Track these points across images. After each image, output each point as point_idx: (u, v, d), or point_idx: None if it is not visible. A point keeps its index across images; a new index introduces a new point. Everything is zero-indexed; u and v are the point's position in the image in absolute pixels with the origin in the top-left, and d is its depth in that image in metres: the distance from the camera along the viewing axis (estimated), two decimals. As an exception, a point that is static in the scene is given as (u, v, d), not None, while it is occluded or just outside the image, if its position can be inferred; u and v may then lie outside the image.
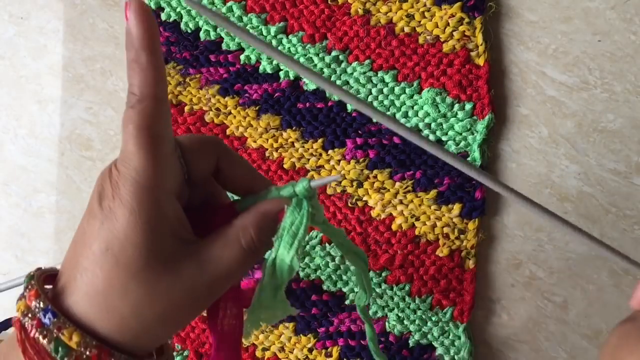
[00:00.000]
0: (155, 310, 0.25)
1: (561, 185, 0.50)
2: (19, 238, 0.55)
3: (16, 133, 0.56)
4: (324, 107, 0.52)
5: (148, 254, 0.25)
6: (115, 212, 0.25)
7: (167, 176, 0.26)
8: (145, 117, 0.25)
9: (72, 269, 0.26)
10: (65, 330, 0.25)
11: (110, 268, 0.25)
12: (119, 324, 0.25)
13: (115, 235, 0.25)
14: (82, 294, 0.26)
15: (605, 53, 0.50)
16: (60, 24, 0.56)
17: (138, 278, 0.25)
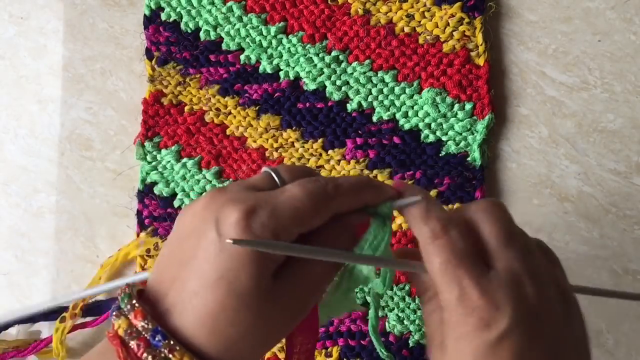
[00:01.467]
0: (260, 333, 0.26)
1: (561, 185, 0.50)
2: (19, 238, 0.55)
3: (16, 133, 0.56)
4: (324, 107, 0.52)
5: (258, 282, 0.26)
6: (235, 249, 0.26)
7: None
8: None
9: (177, 290, 0.27)
10: (176, 353, 0.25)
11: (224, 295, 0.25)
12: (227, 347, 0.26)
13: (231, 265, 0.25)
14: (191, 317, 0.26)
15: (605, 53, 0.50)
16: (60, 24, 0.56)
17: (248, 305, 0.26)
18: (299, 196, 0.27)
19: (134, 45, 0.55)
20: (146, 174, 0.53)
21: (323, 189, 0.27)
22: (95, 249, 0.54)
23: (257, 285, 0.25)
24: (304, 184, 0.27)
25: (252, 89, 0.53)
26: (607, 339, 0.48)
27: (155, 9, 0.54)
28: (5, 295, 0.55)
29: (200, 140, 0.53)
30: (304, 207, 0.26)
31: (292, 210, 0.26)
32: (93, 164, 0.55)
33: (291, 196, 0.27)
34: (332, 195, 0.27)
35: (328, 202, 0.27)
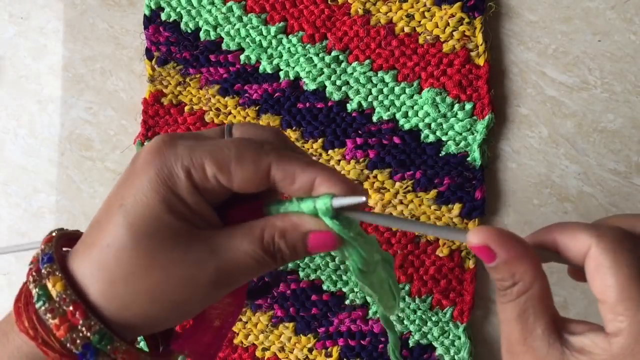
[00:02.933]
0: (148, 281, 0.23)
1: (561, 185, 0.50)
2: (19, 238, 0.55)
3: (16, 133, 0.56)
4: (324, 107, 0.52)
5: (157, 221, 0.23)
6: (140, 173, 0.24)
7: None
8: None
9: (90, 225, 0.25)
10: (52, 277, 0.23)
11: (118, 224, 0.23)
12: (108, 285, 0.23)
13: (134, 191, 0.24)
14: (84, 247, 0.24)
15: (605, 53, 0.50)
16: (60, 24, 0.56)
17: (138, 240, 0.23)
18: (225, 142, 0.24)
19: (134, 45, 0.55)
20: (146, 174, 0.53)
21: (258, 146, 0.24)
22: (95, 249, 0.54)
23: (158, 222, 0.23)
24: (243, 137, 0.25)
25: (252, 89, 0.53)
26: (607, 339, 0.48)
27: (155, 9, 0.54)
28: (5, 295, 0.55)
29: (200, 140, 0.53)
30: (228, 151, 0.24)
31: (213, 148, 0.24)
32: (93, 164, 0.55)
33: (219, 140, 0.25)
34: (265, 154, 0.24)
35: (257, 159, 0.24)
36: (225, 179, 0.24)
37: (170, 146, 0.24)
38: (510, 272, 0.24)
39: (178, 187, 0.23)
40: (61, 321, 0.23)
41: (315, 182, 0.24)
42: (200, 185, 0.24)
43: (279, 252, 0.25)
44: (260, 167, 0.24)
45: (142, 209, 0.23)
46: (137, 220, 0.23)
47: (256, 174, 0.24)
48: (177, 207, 0.23)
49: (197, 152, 0.23)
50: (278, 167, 0.24)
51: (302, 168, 0.24)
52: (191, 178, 0.23)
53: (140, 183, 0.24)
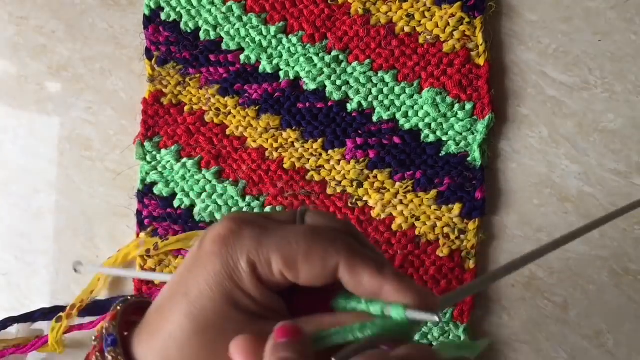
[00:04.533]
0: None
1: (561, 185, 0.50)
2: (18, 238, 0.55)
3: (16, 133, 0.56)
4: (324, 107, 0.52)
5: (220, 315, 0.23)
6: (205, 263, 0.23)
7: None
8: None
9: (153, 307, 0.25)
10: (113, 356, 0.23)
11: (181, 313, 0.23)
12: None
13: (198, 280, 0.23)
14: (148, 332, 0.24)
15: (605, 53, 0.50)
16: (60, 24, 0.56)
17: (201, 333, 0.23)
18: (294, 233, 0.23)
19: (133, 45, 0.55)
20: (146, 174, 0.53)
21: (329, 240, 0.23)
22: (95, 249, 0.54)
23: (219, 313, 0.23)
24: (316, 226, 0.24)
25: (252, 88, 0.53)
26: (607, 339, 0.48)
27: (155, 9, 0.54)
28: (5, 295, 0.55)
29: (200, 140, 0.53)
30: (297, 247, 0.23)
31: (282, 242, 0.23)
32: (93, 164, 0.55)
33: (292, 230, 0.23)
34: (335, 253, 0.23)
35: (327, 257, 0.23)
36: (292, 276, 0.23)
37: (237, 236, 0.23)
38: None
39: (243, 281, 0.23)
40: None
41: (384, 289, 0.23)
42: (266, 279, 0.23)
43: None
44: (328, 267, 0.23)
45: (206, 301, 0.23)
46: (201, 312, 0.23)
47: (323, 273, 0.23)
48: (241, 301, 0.23)
49: (264, 245, 0.23)
50: (346, 270, 0.23)
51: (370, 274, 0.23)
52: (256, 272, 0.23)
53: (205, 274, 0.23)
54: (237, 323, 0.23)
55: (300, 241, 0.23)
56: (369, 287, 0.23)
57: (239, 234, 0.23)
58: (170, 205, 0.52)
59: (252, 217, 0.25)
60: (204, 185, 0.52)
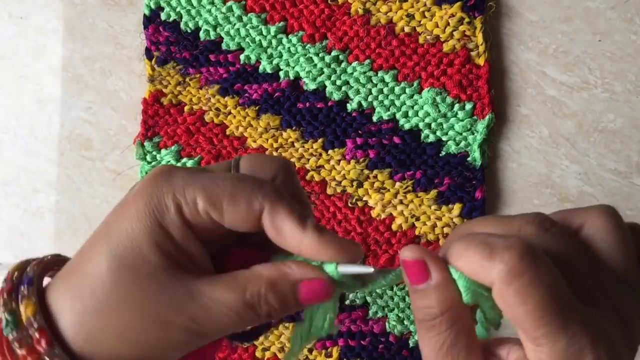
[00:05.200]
0: (118, 317, 0.22)
1: (561, 185, 0.50)
2: (18, 238, 0.55)
3: (16, 133, 0.56)
4: (324, 107, 0.52)
5: (138, 254, 0.22)
6: (130, 202, 0.22)
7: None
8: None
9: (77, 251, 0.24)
10: (25, 301, 0.22)
11: (99, 252, 0.22)
12: (77, 316, 0.22)
13: (120, 221, 0.22)
14: (64, 272, 0.23)
15: (605, 53, 0.50)
16: (60, 24, 0.56)
17: (115, 272, 0.22)
18: (222, 176, 0.23)
19: (133, 45, 0.55)
20: (146, 174, 0.53)
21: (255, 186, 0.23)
22: (95, 249, 0.54)
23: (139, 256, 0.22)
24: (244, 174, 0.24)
25: (252, 88, 0.53)
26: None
27: (155, 9, 0.54)
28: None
29: (200, 140, 0.53)
30: (222, 187, 0.22)
31: (207, 182, 0.22)
32: (93, 164, 0.55)
33: (216, 174, 0.23)
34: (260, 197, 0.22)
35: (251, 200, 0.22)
36: (217, 215, 0.22)
37: (165, 176, 0.22)
38: (442, 298, 0.21)
39: (166, 219, 0.22)
40: (28, 351, 0.21)
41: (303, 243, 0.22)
42: (192, 220, 0.22)
43: (265, 305, 0.23)
44: (252, 210, 0.22)
45: (125, 239, 0.22)
46: (119, 250, 0.22)
47: (247, 215, 0.22)
48: (162, 241, 0.22)
49: (191, 186, 0.22)
50: (268, 215, 0.22)
51: (292, 224, 0.22)
52: (181, 211, 0.22)
53: (128, 212, 0.22)
54: (153, 264, 0.22)
55: (227, 182, 0.22)
56: (289, 237, 0.22)
57: (169, 174, 0.23)
58: (170, 205, 0.52)
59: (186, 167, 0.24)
60: (204, 185, 0.52)
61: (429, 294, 0.22)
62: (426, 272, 0.21)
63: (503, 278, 0.20)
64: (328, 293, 0.23)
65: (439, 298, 0.22)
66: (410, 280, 0.22)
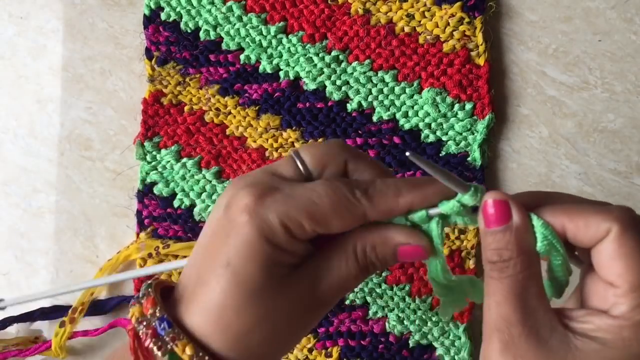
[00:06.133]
0: (269, 328, 0.25)
1: (562, 185, 0.50)
2: (18, 238, 0.55)
3: (16, 133, 0.56)
4: (324, 107, 0.52)
5: (267, 272, 0.24)
6: (241, 232, 0.24)
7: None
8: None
9: (192, 280, 0.26)
10: (179, 342, 0.24)
11: (230, 283, 0.24)
12: (233, 341, 0.25)
13: (240, 252, 0.24)
14: (198, 307, 0.25)
15: (605, 53, 0.50)
16: (59, 24, 0.56)
17: (255, 296, 0.24)
18: (319, 193, 0.25)
19: (133, 45, 0.55)
20: (146, 174, 0.53)
21: (349, 193, 0.25)
22: (95, 249, 0.54)
23: (265, 275, 0.24)
24: (331, 182, 0.26)
25: (252, 88, 0.53)
26: (608, 339, 0.48)
27: (155, 9, 0.54)
28: (5, 295, 0.55)
29: (200, 140, 0.53)
30: (322, 206, 0.25)
31: (308, 204, 0.24)
32: (93, 164, 0.55)
33: (312, 190, 0.25)
34: (358, 202, 0.25)
35: (352, 208, 0.25)
36: (324, 229, 0.25)
37: (263, 203, 0.24)
38: (520, 240, 0.23)
39: (281, 242, 0.24)
40: None
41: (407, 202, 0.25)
42: (299, 237, 0.25)
43: (371, 265, 0.26)
44: (356, 216, 0.25)
45: (251, 268, 0.24)
46: (249, 279, 0.24)
47: (352, 222, 0.25)
48: (282, 259, 0.25)
49: (293, 209, 0.24)
50: (374, 211, 0.25)
51: (395, 201, 0.25)
52: (290, 232, 0.24)
53: (243, 242, 0.24)
54: (280, 278, 0.25)
55: (324, 199, 0.25)
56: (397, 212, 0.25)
57: (264, 201, 0.24)
58: (170, 205, 0.52)
59: (260, 177, 0.26)
60: (204, 185, 0.52)
61: (508, 236, 0.23)
62: (508, 215, 0.23)
63: (620, 228, 0.21)
64: (423, 254, 0.26)
65: (517, 240, 0.23)
66: (490, 221, 0.23)
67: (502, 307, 0.23)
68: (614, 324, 0.22)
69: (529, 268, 0.23)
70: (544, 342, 0.22)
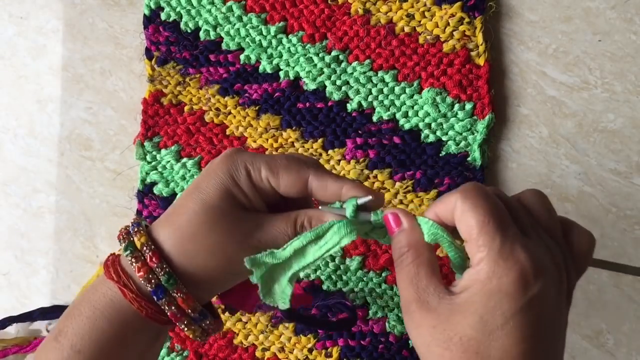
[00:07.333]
0: (209, 240, 0.30)
1: (562, 185, 0.50)
2: (18, 238, 0.55)
3: (16, 133, 0.56)
4: (324, 107, 0.52)
5: (224, 200, 0.31)
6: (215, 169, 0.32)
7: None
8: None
9: (170, 207, 0.32)
10: (138, 234, 0.31)
11: (193, 198, 0.31)
12: (178, 242, 0.31)
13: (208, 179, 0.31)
14: (163, 217, 0.32)
15: (605, 53, 0.50)
16: (59, 24, 0.56)
17: (206, 212, 0.31)
18: (278, 156, 0.33)
19: (133, 45, 0.55)
20: (146, 174, 0.53)
21: (301, 159, 0.32)
22: (95, 249, 0.54)
23: (222, 200, 0.31)
24: (292, 154, 0.33)
25: (252, 88, 0.53)
26: (607, 339, 0.48)
27: (155, 9, 0.54)
28: (5, 295, 0.55)
29: (200, 140, 0.53)
30: (278, 161, 0.32)
31: (267, 158, 0.32)
32: (93, 164, 0.55)
33: (274, 154, 0.33)
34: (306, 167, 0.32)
35: (300, 170, 0.32)
36: (275, 181, 0.32)
37: (237, 153, 0.32)
38: (409, 238, 0.30)
39: (241, 181, 0.31)
40: (142, 265, 0.30)
41: (343, 190, 0.32)
42: (256, 183, 0.32)
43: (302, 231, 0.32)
44: (301, 176, 0.32)
45: (212, 190, 0.31)
46: (208, 197, 0.31)
47: (298, 180, 0.32)
48: (237, 195, 0.31)
49: (256, 159, 0.32)
50: (315, 178, 0.32)
51: (333, 179, 0.32)
52: (250, 176, 0.31)
53: (214, 174, 0.31)
54: (233, 207, 0.31)
55: (282, 158, 0.32)
56: (332, 189, 0.32)
57: (239, 152, 0.32)
58: (170, 205, 0.52)
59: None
60: (204, 185, 0.52)
61: (400, 236, 0.30)
62: (399, 221, 0.31)
63: (460, 196, 0.28)
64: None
65: (407, 238, 0.30)
66: (390, 229, 0.31)
67: (404, 290, 0.29)
68: (472, 271, 0.27)
69: (418, 257, 0.30)
70: (433, 310, 0.28)
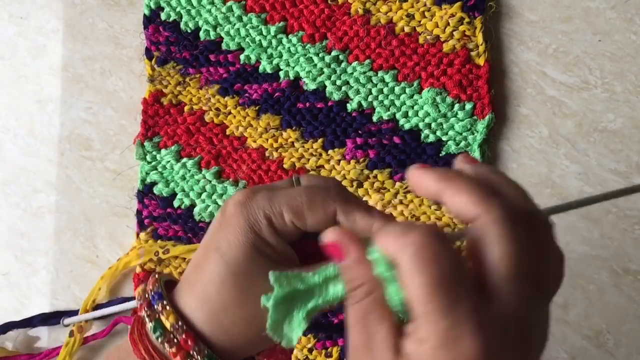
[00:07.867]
0: (242, 311, 0.28)
1: (562, 185, 0.50)
2: (18, 238, 0.55)
3: (16, 133, 0.56)
4: (324, 107, 0.52)
5: (249, 258, 0.28)
6: (231, 222, 0.28)
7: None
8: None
9: (190, 270, 0.30)
10: (165, 312, 0.28)
11: (216, 263, 0.28)
12: (209, 315, 0.28)
13: (227, 236, 0.28)
14: (190, 287, 0.29)
15: (605, 53, 0.50)
16: (59, 24, 0.56)
17: (235, 277, 0.27)
18: (297, 191, 0.29)
19: (133, 45, 0.55)
20: (146, 174, 0.53)
21: (323, 189, 0.29)
22: (95, 249, 0.54)
23: (247, 260, 0.27)
24: (311, 185, 0.29)
25: (252, 88, 0.53)
26: (607, 339, 0.48)
27: (155, 9, 0.54)
28: (4, 295, 0.55)
29: (200, 140, 0.53)
30: (300, 199, 0.28)
31: (288, 199, 0.28)
32: (93, 164, 0.55)
33: (291, 190, 0.29)
34: (331, 200, 0.28)
35: (325, 205, 0.28)
36: (301, 223, 0.28)
37: (253, 199, 0.28)
38: (360, 272, 0.24)
39: (263, 232, 0.28)
40: (177, 349, 0.27)
41: (373, 228, 0.28)
42: (280, 229, 0.28)
43: None
44: (328, 212, 0.28)
45: (235, 251, 0.28)
46: (232, 259, 0.28)
47: (325, 218, 0.28)
48: (263, 249, 0.28)
49: (275, 202, 0.28)
50: (342, 212, 0.28)
51: (361, 215, 0.28)
52: (272, 224, 0.28)
53: (232, 230, 0.28)
54: (260, 267, 0.28)
55: (303, 195, 0.28)
56: (361, 224, 0.28)
57: (254, 197, 0.29)
58: (170, 205, 0.52)
59: (259, 186, 0.30)
60: (204, 185, 0.52)
61: (351, 269, 0.25)
62: (343, 251, 0.25)
63: (409, 247, 0.22)
64: None
65: (359, 272, 0.25)
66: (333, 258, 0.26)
67: (351, 331, 0.24)
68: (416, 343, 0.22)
69: (369, 295, 0.24)
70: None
